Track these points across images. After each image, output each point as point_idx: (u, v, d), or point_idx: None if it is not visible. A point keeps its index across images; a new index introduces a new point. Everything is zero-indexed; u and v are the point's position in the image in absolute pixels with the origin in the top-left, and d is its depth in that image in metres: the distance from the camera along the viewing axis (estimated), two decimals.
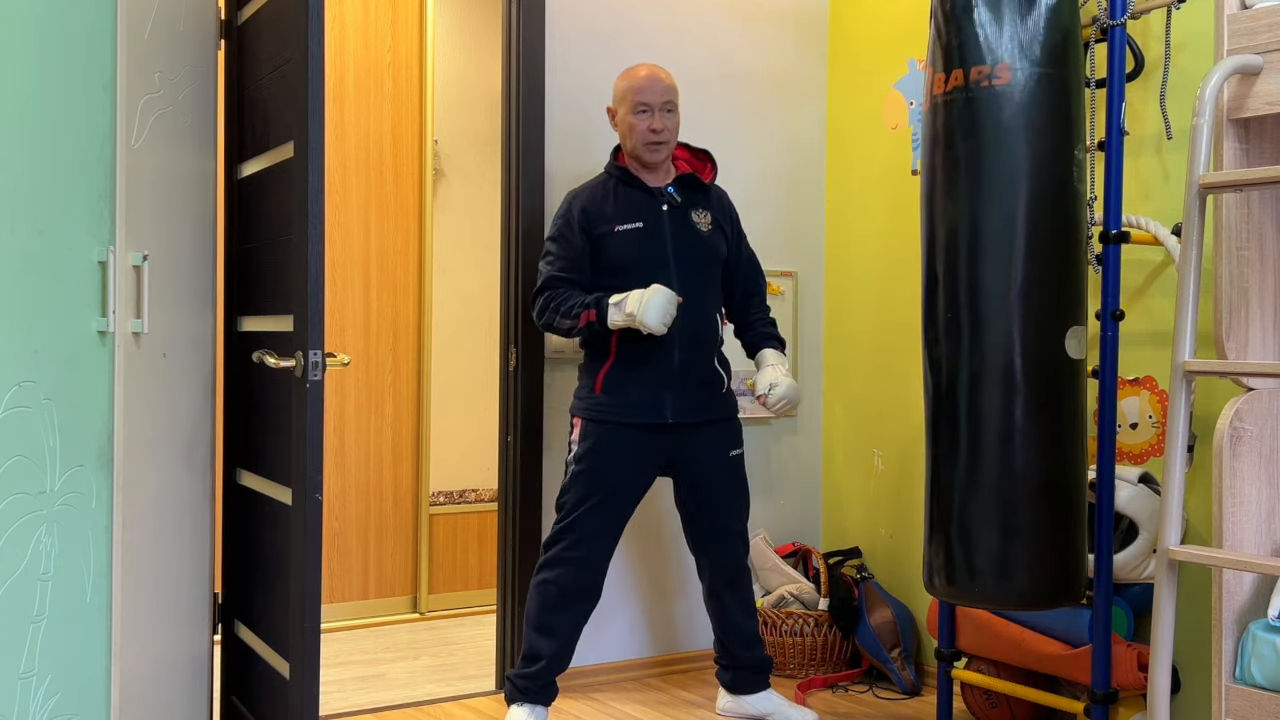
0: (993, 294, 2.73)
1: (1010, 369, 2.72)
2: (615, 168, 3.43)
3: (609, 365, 3.33)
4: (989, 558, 2.73)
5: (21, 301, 2.30)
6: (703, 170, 3.50)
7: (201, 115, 2.90)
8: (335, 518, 4.66)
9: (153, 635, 2.66)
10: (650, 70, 3.37)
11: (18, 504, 2.29)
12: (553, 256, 3.36)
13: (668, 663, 4.01)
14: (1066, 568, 2.75)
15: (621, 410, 3.31)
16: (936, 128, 2.82)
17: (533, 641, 3.33)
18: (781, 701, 3.49)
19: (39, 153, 2.33)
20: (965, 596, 2.79)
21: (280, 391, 2.81)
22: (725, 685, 3.54)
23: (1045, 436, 2.72)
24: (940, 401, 2.82)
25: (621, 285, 3.28)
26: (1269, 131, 2.71)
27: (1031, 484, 2.71)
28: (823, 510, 4.35)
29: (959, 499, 2.77)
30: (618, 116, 3.40)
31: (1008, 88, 2.71)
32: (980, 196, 2.74)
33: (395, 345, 4.79)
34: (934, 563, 2.83)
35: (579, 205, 3.37)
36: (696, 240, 3.39)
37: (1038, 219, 2.71)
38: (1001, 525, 2.72)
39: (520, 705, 3.33)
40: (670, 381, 3.32)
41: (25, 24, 2.31)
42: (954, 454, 2.78)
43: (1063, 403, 2.74)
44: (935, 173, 2.83)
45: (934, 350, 2.84)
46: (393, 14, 4.78)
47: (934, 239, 2.84)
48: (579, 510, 3.30)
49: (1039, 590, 2.73)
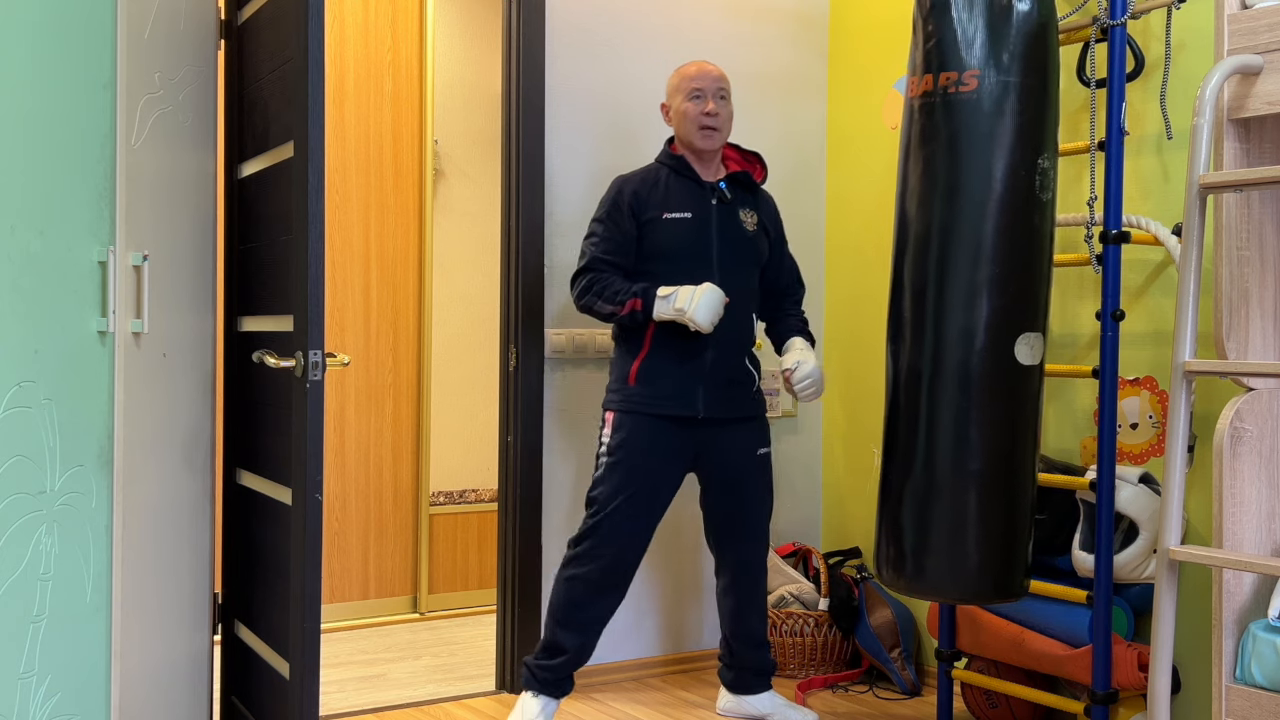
0: (953, 296, 2.74)
1: (966, 371, 2.74)
2: (668, 157, 3.43)
3: (643, 356, 3.32)
4: (937, 552, 2.76)
5: (21, 301, 2.30)
6: (753, 171, 3.50)
7: (201, 115, 2.90)
8: (335, 518, 4.66)
9: (153, 635, 2.66)
10: (701, 63, 3.41)
11: (18, 504, 2.29)
12: (598, 238, 3.36)
13: (668, 663, 4.02)
14: (1008, 563, 2.77)
15: (654, 401, 3.30)
16: (910, 131, 2.84)
17: (556, 635, 3.31)
18: (782, 702, 3.49)
19: (39, 153, 2.33)
20: (913, 588, 2.83)
21: (280, 391, 2.81)
22: (727, 684, 3.53)
23: (993, 437, 2.74)
24: (898, 399, 2.86)
25: (662, 272, 3.29)
26: (1269, 131, 2.71)
27: (978, 481, 2.74)
28: (823, 510, 4.35)
29: (911, 493, 2.80)
30: (672, 108, 3.41)
31: (974, 94, 2.72)
32: (944, 201, 2.76)
33: (395, 345, 4.79)
34: (884, 553, 2.85)
35: (630, 189, 3.37)
36: (741, 238, 3.40)
37: (998, 226, 2.73)
38: (950, 520, 2.75)
39: (535, 695, 3.31)
40: (703, 377, 3.32)
41: (25, 24, 2.31)
42: (910, 451, 2.81)
43: (1011, 406, 2.76)
44: (906, 175, 2.85)
45: (895, 348, 2.87)
46: (393, 14, 4.78)
47: (901, 239, 2.86)
48: (614, 503, 3.27)
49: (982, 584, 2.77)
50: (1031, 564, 2.88)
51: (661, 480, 3.33)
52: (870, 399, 4.14)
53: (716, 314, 3.21)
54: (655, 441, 3.31)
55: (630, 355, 3.35)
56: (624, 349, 3.39)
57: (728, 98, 3.39)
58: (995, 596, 2.80)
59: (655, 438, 3.31)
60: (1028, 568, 2.83)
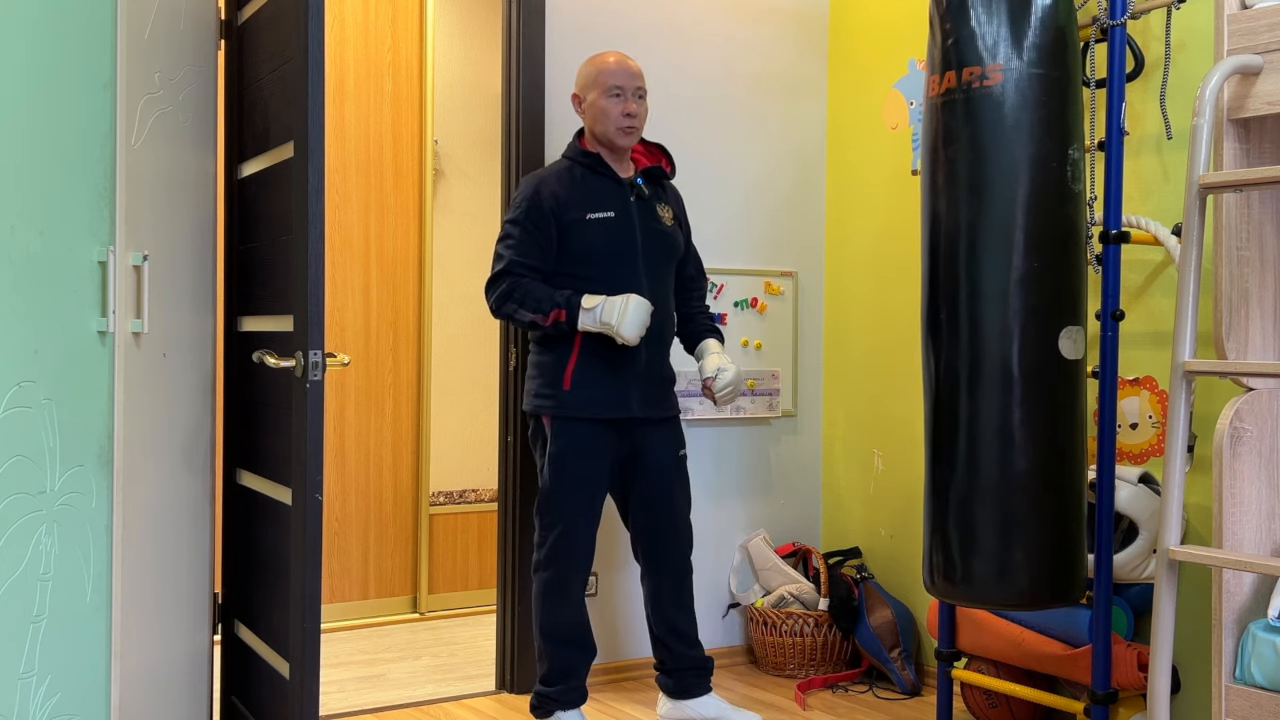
0: (988, 294, 2.72)
1: (1007, 368, 2.72)
2: (581, 153, 3.33)
3: (575, 360, 3.25)
4: (987, 558, 2.73)
5: (21, 301, 2.30)
6: (664, 164, 3.46)
7: (201, 115, 2.90)
8: (335, 518, 4.66)
9: (153, 635, 2.66)
10: (619, 56, 3.33)
11: (18, 504, 2.29)
12: (514, 241, 3.24)
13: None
14: (1065, 567, 2.75)
15: (591, 405, 3.25)
16: (933, 129, 2.83)
17: (562, 656, 3.27)
18: (725, 706, 3.43)
19: (39, 152, 2.33)
20: (965, 597, 2.79)
21: (280, 391, 2.81)
22: (668, 691, 3.45)
23: (1041, 436, 2.72)
24: (939, 401, 2.83)
25: (586, 274, 3.24)
26: (1269, 131, 2.71)
27: (1029, 483, 2.71)
28: (823, 510, 4.35)
29: (957, 498, 2.77)
30: (586, 101, 3.33)
31: (1000, 88, 2.71)
32: (974, 197, 2.74)
33: (395, 345, 4.79)
34: (934, 562, 2.83)
35: (549, 189, 3.27)
36: (662, 234, 3.36)
37: (1031, 220, 2.71)
38: (999, 525, 2.72)
39: (565, 711, 3.29)
40: (638, 377, 3.29)
41: (25, 24, 2.31)
42: (953, 453, 2.78)
43: (1058, 402, 2.74)
44: (933, 174, 2.83)
45: (933, 350, 2.85)
46: (393, 14, 4.78)
47: (933, 240, 2.84)
48: (567, 511, 3.25)
49: (1038, 590, 2.73)
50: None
51: (602, 484, 3.31)
52: (870, 399, 4.14)
53: (644, 326, 3.17)
54: (593, 447, 3.26)
55: (561, 359, 3.27)
56: (552, 352, 3.29)
57: (645, 96, 3.34)
58: (1051, 600, 2.75)
59: (592, 443, 3.26)
60: (1085, 568, 2.81)
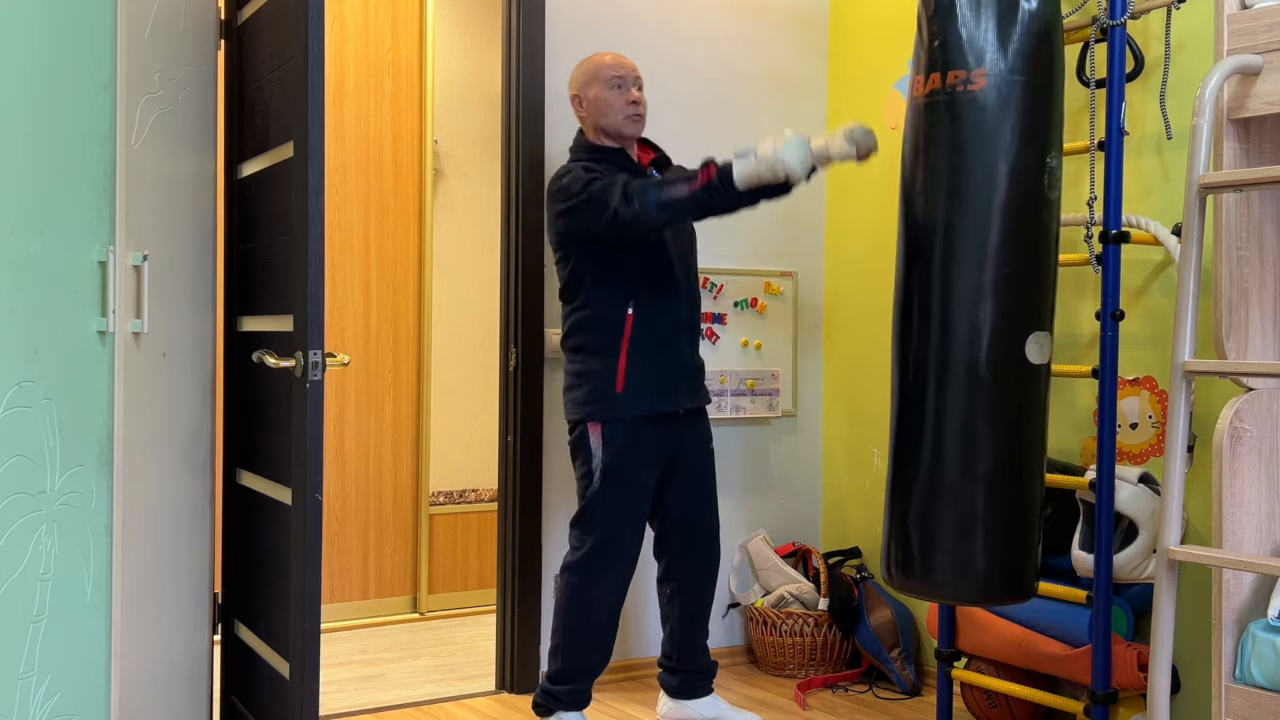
0: (960, 296, 2.71)
1: (974, 370, 2.71)
2: (600, 150, 3.30)
3: (625, 358, 3.20)
4: (946, 553, 2.73)
5: (21, 301, 2.30)
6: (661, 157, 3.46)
7: (201, 115, 2.90)
8: (335, 518, 4.66)
9: (153, 635, 2.66)
10: (615, 53, 3.35)
11: (18, 504, 2.29)
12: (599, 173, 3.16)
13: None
14: (1021, 565, 2.75)
15: (646, 403, 3.21)
16: (916, 130, 2.82)
17: (581, 659, 3.25)
18: (725, 706, 3.43)
19: (39, 152, 2.33)
20: (922, 591, 2.80)
21: (280, 391, 2.81)
22: (670, 690, 3.44)
23: (1004, 437, 2.71)
24: (906, 398, 2.82)
25: (622, 265, 3.20)
26: (1269, 131, 2.71)
27: (990, 482, 2.71)
28: (823, 510, 4.35)
29: (919, 494, 2.77)
30: (587, 98, 3.29)
31: (983, 93, 2.70)
32: (951, 200, 2.74)
33: (395, 345, 4.79)
34: (892, 556, 2.83)
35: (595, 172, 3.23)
36: (683, 225, 3.35)
37: (1006, 225, 2.70)
38: (959, 522, 2.71)
39: (567, 711, 3.28)
40: (683, 368, 3.29)
41: (25, 23, 2.31)
42: (917, 450, 2.77)
43: (1022, 405, 2.73)
44: (913, 174, 2.83)
45: (902, 348, 2.84)
46: (393, 14, 4.78)
47: (909, 239, 2.84)
48: (618, 519, 3.21)
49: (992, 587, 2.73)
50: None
51: (651, 492, 3.29)
52: (870, 399, 4.14)
53: (807, 155, 2.96)
54: (646, 450, 3.23)
55: (609, 361, 3.20)
56: (599, 357, 3.22)
57: (643, 89, 3.33)
58: (1005, 597, 2.78)
59: (645, 446, 3.23)
60: (1037, 568, 2.81)
